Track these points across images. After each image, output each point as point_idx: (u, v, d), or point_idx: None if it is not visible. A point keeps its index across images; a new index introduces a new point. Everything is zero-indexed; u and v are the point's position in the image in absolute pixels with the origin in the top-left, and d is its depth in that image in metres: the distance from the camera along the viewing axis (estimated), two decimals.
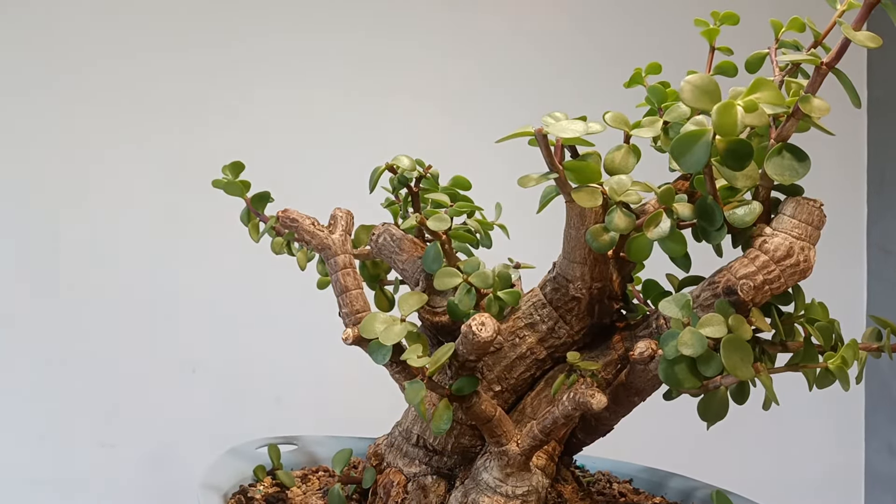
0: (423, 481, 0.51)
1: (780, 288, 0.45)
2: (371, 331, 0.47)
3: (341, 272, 0.51)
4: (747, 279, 0.44)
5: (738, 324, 0.43)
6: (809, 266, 0.45)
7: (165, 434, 1.00)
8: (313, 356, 1.01)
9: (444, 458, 0.51)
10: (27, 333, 0.99)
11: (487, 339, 0.43)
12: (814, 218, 0.45)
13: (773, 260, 0.45)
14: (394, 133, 1.08)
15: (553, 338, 0.51)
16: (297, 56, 1.09)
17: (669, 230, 0.45)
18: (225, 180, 0.68)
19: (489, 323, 0.44)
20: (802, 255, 0.45)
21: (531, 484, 0.48)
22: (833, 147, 1.27)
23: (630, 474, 0.65)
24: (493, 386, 0.51)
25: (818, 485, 1.29)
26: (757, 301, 0.45)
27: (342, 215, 0.53)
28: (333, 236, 0.52)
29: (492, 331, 0.43)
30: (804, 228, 0.45)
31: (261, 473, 0.57)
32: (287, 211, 0.53)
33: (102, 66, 1.02)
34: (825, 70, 0.44)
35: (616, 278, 0.51)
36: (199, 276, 1.04)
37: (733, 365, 0.41)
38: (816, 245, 0.46)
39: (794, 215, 0.45)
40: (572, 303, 0.50)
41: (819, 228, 0.45)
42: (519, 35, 1.19)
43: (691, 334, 0.42)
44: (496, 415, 0.47)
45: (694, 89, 0.40)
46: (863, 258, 1.34)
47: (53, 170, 1.01)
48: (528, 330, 0.51)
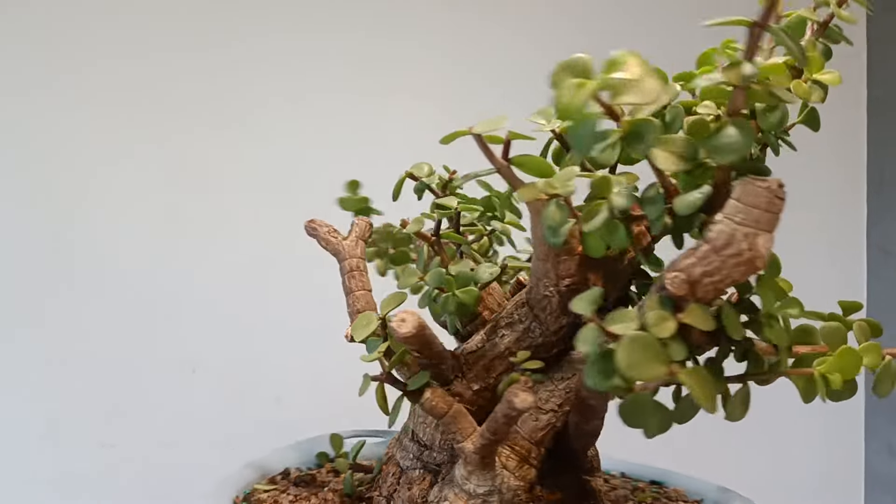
0: (410, 474, 0.52)
1: (724, 281, 0.40)
2: (356, 329, 0.51)
3: (348, 275, 0.55)
4: (681, 272, 0.40)
5: (657, 320, 0.39)
6: (757, 255, 0.39)
7: (165, 434, 1.01)
8: (313, 356, 1.00)
9: (433, 453, 0.52)
10: (27, 333, 0.99)
11: (407, 335, 0.45)
12: (760, 200, 0.39)
13: (713, 249, 0.40)
14: (394, 133, 1.07)
15: (529, 337, 0.49)
16: (297, 56, 1.08)
17: (602, 222, 0.43)
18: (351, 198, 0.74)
19: (409, 319, 0.45)
20: (745, 242, 0.39)
21: (493, 484, 0.48)
22: (833, 147, 1.30)
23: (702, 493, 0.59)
24: (472, 385, 0.51)
25: (818, 485, 1.29)
26: (700, 296, 0.40)
27: (358, 223, 0.58)
28: (344, 242, 0.56)
29: (411, 327, 0.45)
30: (749, 212, 0.39)
31: (323, 459, 0.63)
32: (312, 221, 0.59)
33: (103, 67, 1.03)
34: (757, 31, 0.38)
35: (597, 276, 0.48)
36: (200, 276, 1.04)
37: (630, 364, 0.38)
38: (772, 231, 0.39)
39: (741, 198, 0.39)
40: (544, 301, 0.48)
41: (771, 212, 0.39)
42: (519, 35, 1.15)
43: (589, 331, 0.39)
44: (449, 412, 0.47)
45: (560, 69, 0.38)
46: (862, 258, 1.33)
47: (54, 170, 1.01)
48: (507, 329, 0.50)
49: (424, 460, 0.53)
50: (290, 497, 0.54)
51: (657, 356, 0.38)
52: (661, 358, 0.39)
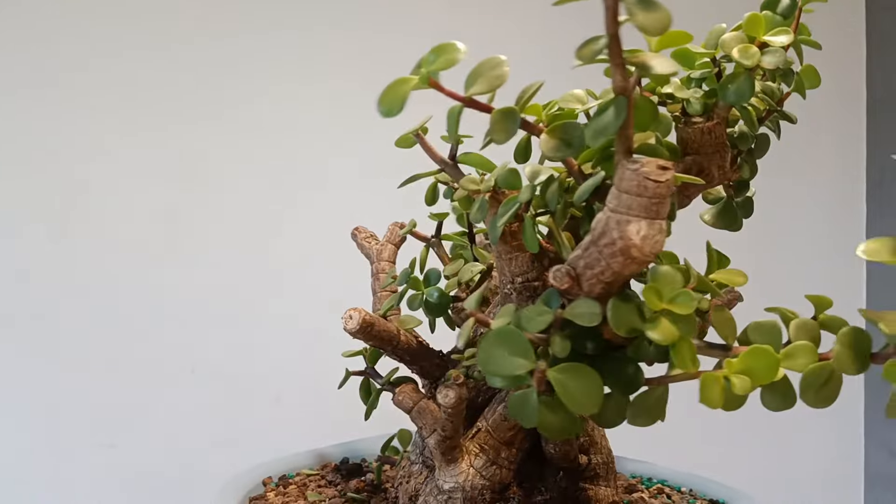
0: (411, 469, 0.54)
1: (604, 273, 0.37)
2: None
3: (374, 277, 0.59)
4: (566, 265, 0.38)
5: (533, 315, 0.38)
6: (631, 244, 0.36)
7: (165, 434, 1.01)
8: (314, 356, 0.95)
9: None
10: (27, 333, 0.99)
11: (353, 330, 0.47)
12: (629, 185, 0.36)
13: (592, 240, 0.37)
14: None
15: None
16: (297, 55, 1.06)
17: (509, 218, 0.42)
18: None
19: (356, 316, 0.47)
20: (617, 231, 0.36)
21: (458, 482, 0.48)
22: (832, 146, 1.29)
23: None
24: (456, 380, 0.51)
25: (818, 484, 1.29)
26: (588, 290, 0.38)
27: (391, 228, 0.61)
28: (375, 247, 0.60)
29: (356, 323, 0.47)
30: (621, 198, 0.36)
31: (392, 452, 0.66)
32: (357, 228, 0.63)
33: (100, 64, 1.02)
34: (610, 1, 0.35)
35: None
36: (199, 275, 1.03)
37: (488, 359, 0.37)
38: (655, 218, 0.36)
39: (616, 183, 0.37)
40: (505, 299, 0.48)
41: (643, 196, 0.36)
42: (520, 35, 1.09)
43: (466, 326, 0.39)
44: (414, 406, 0.49)
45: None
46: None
47: (52, 169, 1.00)
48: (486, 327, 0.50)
49: (425, 456, 0.54)
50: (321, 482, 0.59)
51: (521, 351, 0.37)
52: (527, 353, 0.37)
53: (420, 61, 0.39)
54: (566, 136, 0.39)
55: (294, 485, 0.58)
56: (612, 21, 0.36)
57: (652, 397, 0.39)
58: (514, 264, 0.47)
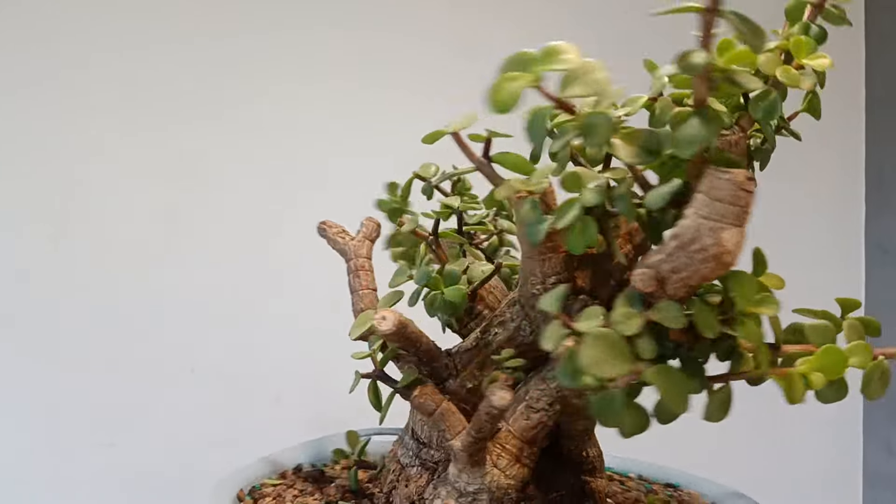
0: (409, 472, 0.53)
1: (692, 277, 0.39)
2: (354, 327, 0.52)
3: (353, 274, 0.57)
4: (649, 268, 0.39)
5: (624, 318, 0.39)
6: (724, 250, 0.38)
7: (165, 434, 1.01)
8: (313, 355, 0.98)
9: (430, 451, 0.53)
10: (27, 333, 0.99)
11: (387, 332, 0.45)
12: (724, 193, 0.38)
13: (680, 245, 0.39)
14: (395, 131, 1.02)
15: (521, 336, 0.49)
16: (296, 52, 1.07)
17: (574, 219, 0.42)
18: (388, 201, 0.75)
19: (389, 317, 0.45)
20: (711, 237, 0.38)
21: (483, 483, 0.48)
22: (831, 146, 1.29)
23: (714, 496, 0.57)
24: (465, 383, 0.51)
25: (817, 483, 1.29)
26: (670, 293, 0.39)
27: (366, 223, 0.59)
28: (351, 242, 0.57)
29: (391, 324, 0.45)
30: (713, 206, 0.38)
31: (339, 456, 0.64)
32: (324, 222, 0.60)
33: (101, 63, 1.01)
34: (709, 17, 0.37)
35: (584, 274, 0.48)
36: (199, 275, 1.03)
37: (590, 361, 0.37)
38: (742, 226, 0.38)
39: (707, 192, 0.38)
40: (533, 300, 0.48)
41: (736, 205, 0.38)
42: (521, 36, 1.10)
43: (553, 328, 0.39)
44: (438, 409, 0.48)
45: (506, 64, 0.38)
46: (861, 257, 1.33)
47: (51, 168, 1.00)
48: (499, 328, 0.50)
49: (423, 458, 0.53)
50: (294, 492, 0.56)
51: (621, 354, 0.38)
52: (626, 356, 0.38)
53: (525, 59, 0.38)
54: (647, 144, 0.40)
55: (269, 497, 0.55)
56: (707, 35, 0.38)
57: (722, 394, 0.41)
58: (547, 265, 0.47)
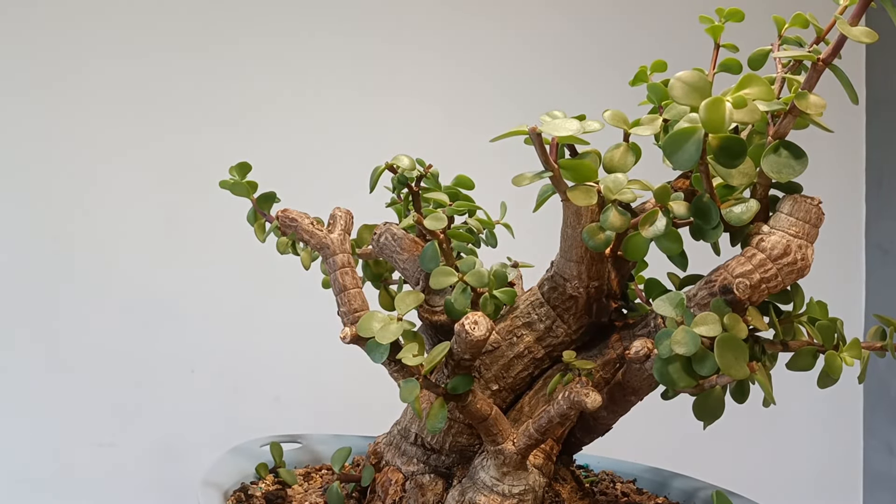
0: (420, 480, 0.51)
1: (776, 287, 0.45)
2: (368, 329, 0.47)
3: (339, 271, 0.52)
4: (743, 278, 0.44)
5: (734, 323, 0.43)
6: (807, 265, 0.45)
7: (165, 433, 1.00)
8: (312, 355, 1.00)
9: (441, 457, 0.51)
10: (27, 334, 0.99)
11: (481, 338, 0.44)
12: (811, 216, 0.44)
13: (769, 258, 0.44)
14: (395, 133, 1.08)
15: (551, 337, 0.50)
16: (297, 55, 1.09)
17: (665, 229, 0.45)
18: (232, 181, 0.67)
19: (482, 322, 0.44)
20: (800, 253, 0.44)
21: (528, 483, 0.48)
22: (832, 147, 1.32)
23: (634, 474, 0.65)
24: (490, 385, 0.51)
25: (816, 483, 1.30)
26: (754, 300, 0.45)
27: (341, 215, 0.54)
28: (332, 236, 0.52)
29: (485, 329, 0.44)
30: (801, 226, 0.44)
31: (263, 471, 0.58)
32: (287, 211, 0.54)
33: (103, 67, 1.02)
34: (822, 66, 0.44)
35: (614, 277, 0.51)
36: (199, 275, 1.03)
37: (727, 364, 0.41)
38: (814, 244, 0.45)
39: (792, 213, 0.45)
40: (569, 301, 0.50)
41: (817, 227, 0.45)
42: (522, 36, 1.19)
43: (685, 333, 0.42)
44: (492, 413, 0.47)
45: (684, 86, 0.40)
46: (861, 258, 1.35)
47: (52, 171, 1.00)
48: (525, 329, 0.51)
49: (433, 464, 0.51)
50: None
51: (744, 356, 0.42)
52: (746, 357, 0.42)
53: (704, 82, 0.40)
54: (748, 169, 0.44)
55: None
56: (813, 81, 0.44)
57: None
58: (593, 269, 0.49)
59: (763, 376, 0.44)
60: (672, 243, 0.46)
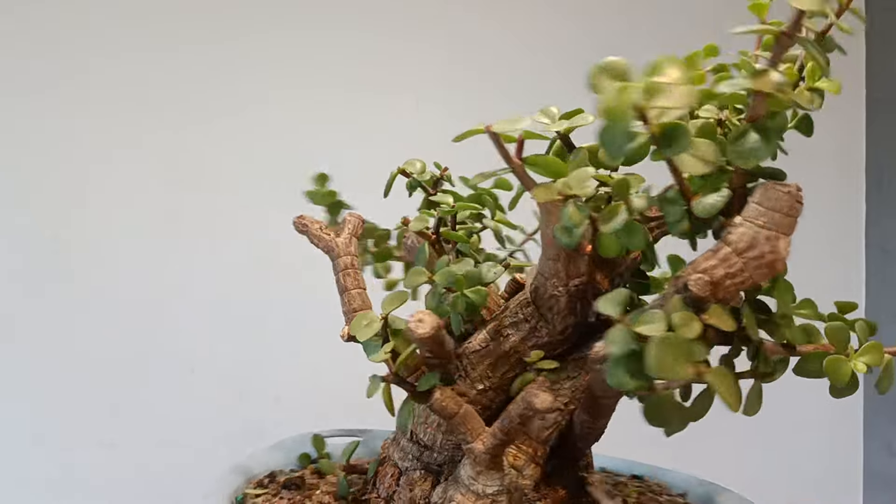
0: (411, 475, 0.52)
1: (744, 283, 0.41)
2: (357, 328, 0.50)
3: (342, 273, 0.54)
4: (704, 273, 0.41)
5: (684, 321, 0.40)
6: (778, 258, 0.40)
7: (165, 434, 1.01)
8: (312, 355, 1.00)
9: (433, 454, 0.52)
10: (27, 333, 0.99)
11: (425, 336, 0.44)
12: (782, 205, 0.40)
13: (735, 252, 0.40)
14: (395, 131, 1.07)
15: (536, 337, 0.49)
16: (295, 53, 1.09)
17: (622, 223, 0.43)
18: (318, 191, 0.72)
19: (427, 320, 0.44)
20: (768, 245, 0.40)
21: (502, 484, 0.47)
22: (832, 147, 1.31)
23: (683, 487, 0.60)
24: (476, 384, 0.51)
25: (817, 484, 1.30)
26: (720, 297, 0.41)
27: (351, 219, 0.56)
28: (338, 239, 0.55)
29: (429, 327, 0.44)
30: (771, 216, 0.40)
31: (305, 461, 0.61)
32: (301, 217, 0.57)
33: (101, 66, 1.02)
34: (786, 40, 0.39)
35: (603, 275, 0.49)
36: (199, 275, 1.04)
37: (660, 365, 0.38)
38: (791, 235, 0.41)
39: (762, 202, 0.40)
40: (552, 301, 0.48)
41: (791, 216, 0.40)
42: (523, 37, 1.17)
43: (618, 331, 0.40)
44: (459, 412, 0.47)
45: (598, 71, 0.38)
46: (861, 258, 1.34)
47: (50, 169, 1.00)
48: (511, 329, 0.50)
49: (425, 461, 0.52)
50: (284, 501, 0.53)
51: (686, 357, 0.39)
52: (689, 358, 0.39)
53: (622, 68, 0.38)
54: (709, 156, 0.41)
55: None
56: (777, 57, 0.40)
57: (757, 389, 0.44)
58: (572, 267, 0.48)
59: (719, 379, 0.40)
60: (633, 238, 0.43)
